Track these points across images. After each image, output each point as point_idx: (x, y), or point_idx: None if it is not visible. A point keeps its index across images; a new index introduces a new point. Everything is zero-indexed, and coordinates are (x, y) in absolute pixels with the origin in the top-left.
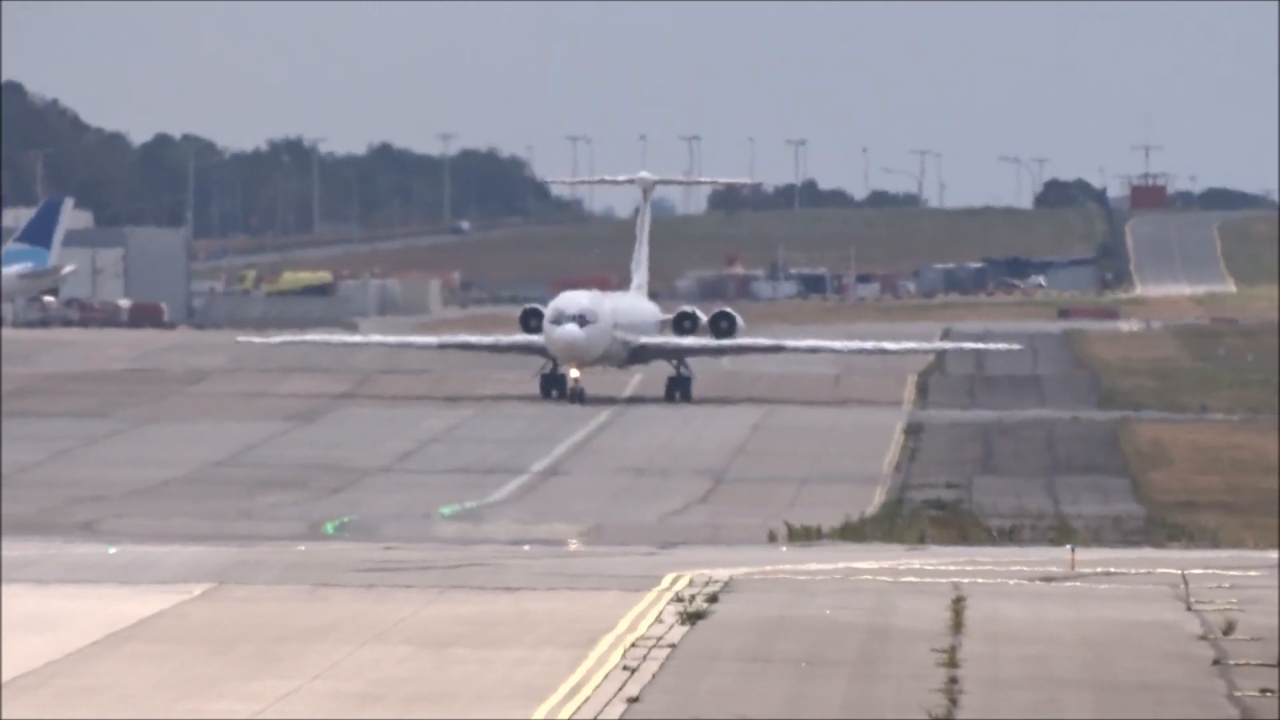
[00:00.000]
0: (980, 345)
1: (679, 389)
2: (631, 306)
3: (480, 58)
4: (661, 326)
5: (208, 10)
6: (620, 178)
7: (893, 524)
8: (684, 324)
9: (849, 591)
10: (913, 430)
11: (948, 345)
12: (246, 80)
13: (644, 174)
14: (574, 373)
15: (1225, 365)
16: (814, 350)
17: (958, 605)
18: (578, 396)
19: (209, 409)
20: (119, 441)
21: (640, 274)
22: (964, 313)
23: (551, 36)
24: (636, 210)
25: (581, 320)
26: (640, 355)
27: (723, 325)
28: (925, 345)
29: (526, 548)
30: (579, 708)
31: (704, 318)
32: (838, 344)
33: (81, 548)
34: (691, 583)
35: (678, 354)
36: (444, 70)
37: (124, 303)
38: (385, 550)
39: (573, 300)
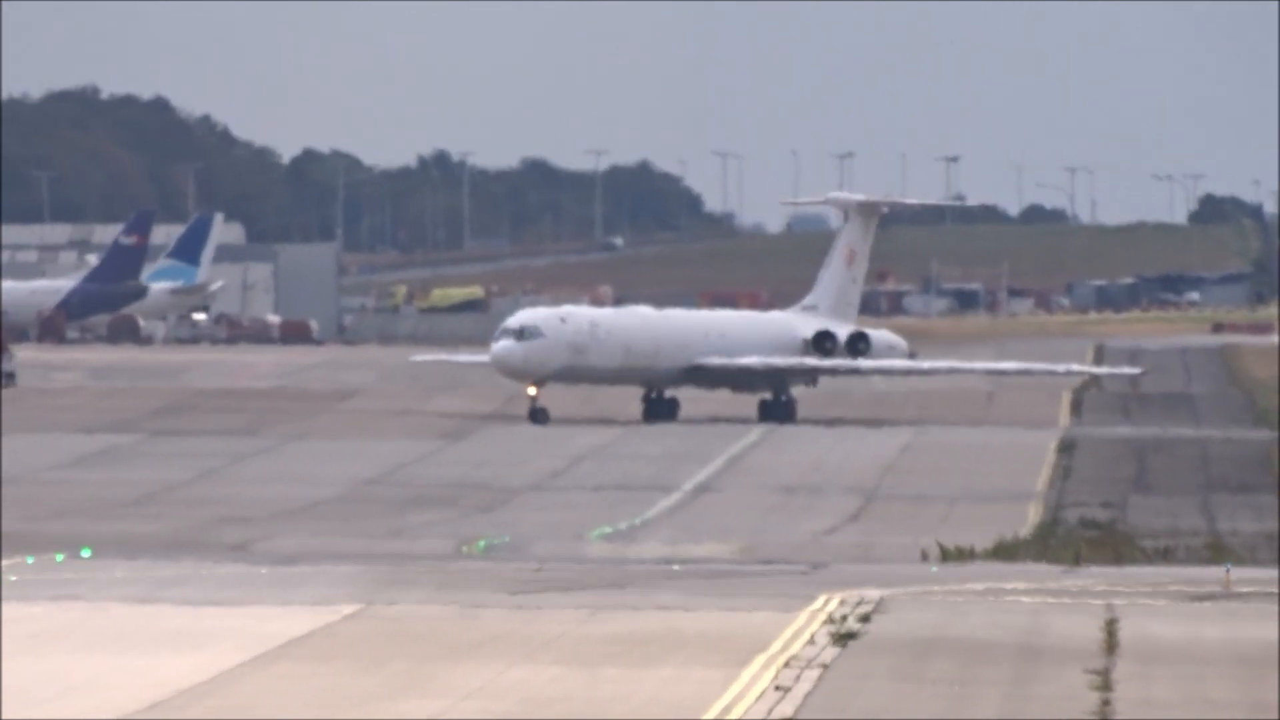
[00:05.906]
0: (1096, 369)
1: (774, 415)
2: (684, 320)
3: (631, 72)
4: (805, 347)
5: (356, 26)
6: (819, 198)
7: (1047, 544)
8: (825, 344)
9: (1001, 611)
10: (1066, 448)
11: (1057, 367)
12: (395, 95)
13: (837, 194)
14: (530, 390)
15: None
16: (889, 374)
17: (1111, 626)
18: (536, 416)
19: (359, 426)
20: (268, 459)
21: (815, 294)
22: (1117, 328)
23: (703, 53)
24: (838, 229)
25: (520, 335)
26: (700, 375)
27: (859, 346)
28: (1042, 366)
29: (676, 567)
30: None
31: (842, 336)
32: (925, 365)
33: (231, 567)
34: (844, 602)
35: (740, 375)
36: (594, 85)
37: (273, 319)
38: (536, 570)
39: (522, 315)
